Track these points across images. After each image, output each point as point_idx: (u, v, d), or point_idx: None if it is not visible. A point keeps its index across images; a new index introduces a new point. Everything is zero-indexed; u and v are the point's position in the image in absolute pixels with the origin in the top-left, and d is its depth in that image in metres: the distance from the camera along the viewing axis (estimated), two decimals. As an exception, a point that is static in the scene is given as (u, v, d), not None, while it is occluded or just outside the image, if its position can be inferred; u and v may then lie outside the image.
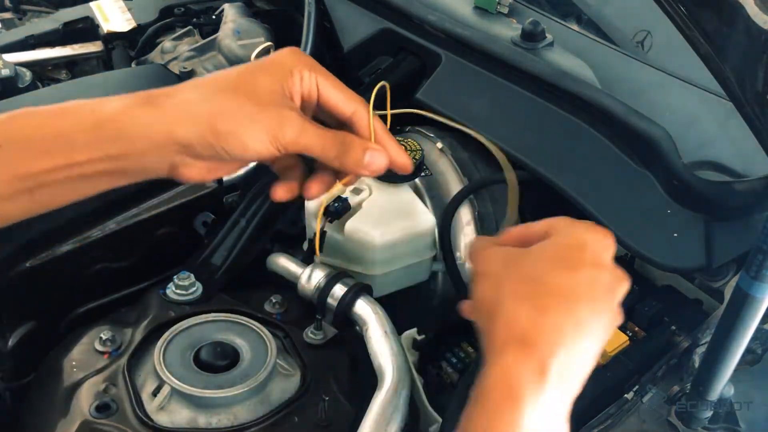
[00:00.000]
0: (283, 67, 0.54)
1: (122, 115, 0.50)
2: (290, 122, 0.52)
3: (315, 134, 0.53)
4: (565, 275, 0.49)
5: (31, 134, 0.50)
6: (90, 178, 0.51)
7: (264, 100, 0.52)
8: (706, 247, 0.75)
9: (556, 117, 0.88)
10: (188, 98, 0.51)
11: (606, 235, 0.52)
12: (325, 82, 0.56)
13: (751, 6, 0.55)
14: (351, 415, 0.72)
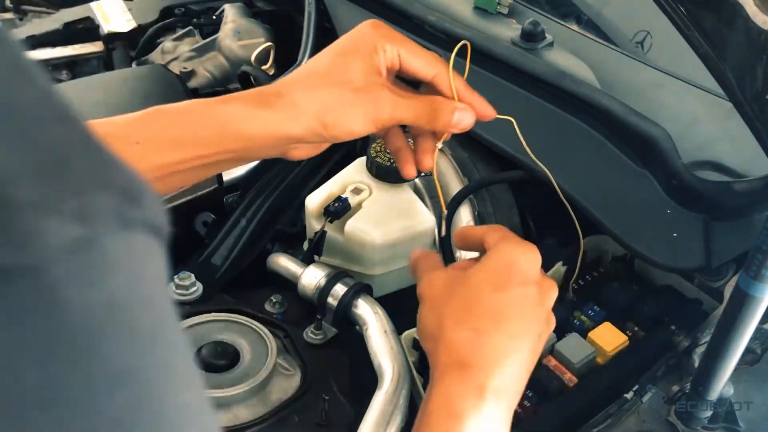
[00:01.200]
0: (367, 44, 0.59)
1: (241, 117, 0.57)
2: (384, 101, 0.58)
3: (406, 106, 0.59)
4: (496, 297, 0.54)
5: (161, 132, 0.55)
6: (214, 166, 0.58)
7: (359, 85, 0.58)
8: (705, 247, 0.75)
9: (555, 117, 0.88)
10: (295, 98, 0.58)
11: (531, 249, 0.57)
12: (405, 51, 0.61)
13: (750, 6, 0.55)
14: (351, 415, 0.72)
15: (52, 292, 0.21)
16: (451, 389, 0.52)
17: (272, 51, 1.25)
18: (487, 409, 0.51)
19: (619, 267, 0.88)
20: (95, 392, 0.23)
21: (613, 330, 0.78)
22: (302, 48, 1.09)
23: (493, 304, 0.54)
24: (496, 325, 0.54)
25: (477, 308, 0.54)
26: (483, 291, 0.55)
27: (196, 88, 1.27)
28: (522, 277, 0.56)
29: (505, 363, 0.53)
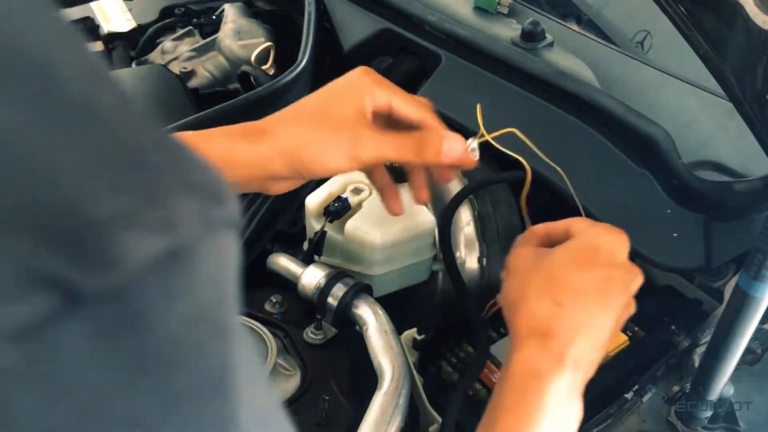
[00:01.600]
0: (357, 89, 0.62)
1: (224, 150, 0.59)
2: (365, 140, 0.59)
3: (389, 143, 0.60)
4: (579, 274, 0.56)
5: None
6: None
7: (340, 125, 0.60)
8: (705, 247, 0.75)
9: (555, 117, 0.88)
10: (277, 133, 0.60)
11: (620, 235, 0.59)
12: (394, 97, 0.62)
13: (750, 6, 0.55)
14: (351, 415, 0.72)
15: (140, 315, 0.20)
16: (532, 355, 0.54)
17: (272, 51, 1.26)
18: (566, 377, 0.53)
19: (619, 267, 0.88)
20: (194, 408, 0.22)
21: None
22: (302, 48, 1.09)
23: (575, 281, 0.56)
24: (577, 300, 0.55)
25: (560, 282, 0.56)
26: (568, 267, 0.57)
27: (196, 87, 1.27)
28: (608, 259, 0.57)
29: (582, 337, 0.54)
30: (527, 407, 0.52)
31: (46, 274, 0.18)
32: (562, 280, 0.56)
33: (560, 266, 0.57)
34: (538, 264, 0.59)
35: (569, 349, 0.54)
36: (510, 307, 0.59)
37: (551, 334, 0.54)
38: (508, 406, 0.53)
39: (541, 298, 0.56)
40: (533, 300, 0.56)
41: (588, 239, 0.59)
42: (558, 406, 0.53)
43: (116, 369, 0.20)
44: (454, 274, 0.85)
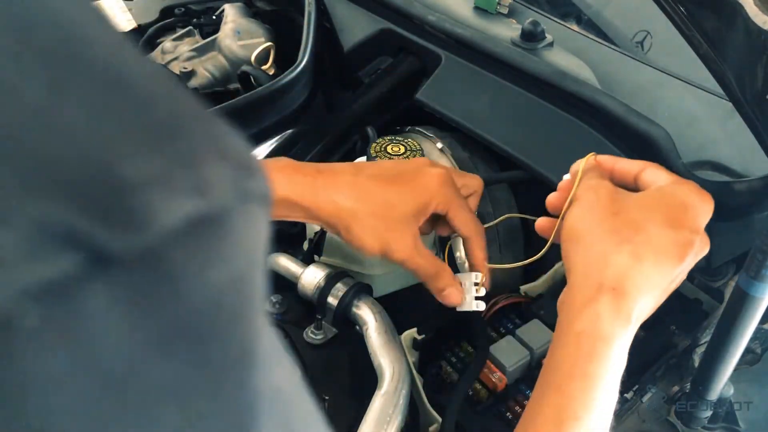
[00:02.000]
0: (426, 195, 0.65)
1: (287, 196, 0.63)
2: (402, 247, 0.63)
3: (416, 262, 0.65)
4: (665, 231, 0.53)
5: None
6: None
7: (396, 223, 0.63)
8: (705, 247, 0.75)
9: (556, 117, 0.88)
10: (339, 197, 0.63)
11: (709, 200, 0.56)
12: (454, 213, 0.66)
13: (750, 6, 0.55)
14: (351, 415, 0.72)
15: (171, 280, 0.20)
16: (604, 316, 0.52)
17: (272, 51, 1.25)
18: (627, 336, 0.53)
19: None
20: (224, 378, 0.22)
21: None
22: (302, 48, 1.09)
23: (660, 238, 0.53)
24: (658, 258, 0.53)
25: (644, 235, 0.53)
26: (655, 220, 0.53)
27: (196, 87, 1.27)
28: (694, 224, 0.54)
29: (649, 296, 0.53)
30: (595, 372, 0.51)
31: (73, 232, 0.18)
32: (646, 233, 0.53)
33: (646, 217, 0.53)
34: (618, 205, 0.55)
35: (636, 309, 0.52)
36: (577, 244, 0.55)
37: (624, 292, 0.52)
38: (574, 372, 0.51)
39: (621, 247, 0.52)
40: (612, 247, 0.52)
41: (678, 195, 0.55)
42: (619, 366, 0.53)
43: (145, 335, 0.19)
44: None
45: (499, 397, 0.74)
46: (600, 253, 0.53)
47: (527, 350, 0.76)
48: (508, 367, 0.74)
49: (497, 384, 0.74)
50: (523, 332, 0.78)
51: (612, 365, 0.52)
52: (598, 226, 0.54)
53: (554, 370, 0.53)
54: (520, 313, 0.83)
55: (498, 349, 0.75)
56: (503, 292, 0.86)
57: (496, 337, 0.81)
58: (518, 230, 0.91)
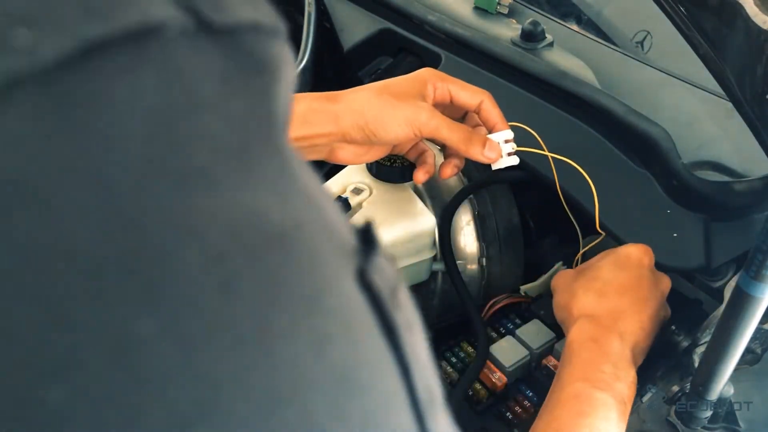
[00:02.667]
0: (421, 79, 0.71)
1: (311, 108, 0.68)
2: (423, 111, 0.68)
3: (444, 121, 0.69)
4: (617, 273, 0.68)
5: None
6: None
7: (404, 97, 0.68)
8: (705, 247, 0.75)
9: (556, 117, 0.88)
10: (350, 99, 0.68)
11: (645, 246, 0.71)
12: (454, 87, 0.72)
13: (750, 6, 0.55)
14: (351, 415, 0.72)
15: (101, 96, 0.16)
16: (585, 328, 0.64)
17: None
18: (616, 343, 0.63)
19: (619, 267, 0.88)
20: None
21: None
22: (302, 48, 1.09)
23: (614, 278, 0.68)
24: (617, 291, 0.67)
25: (601, 280, 0.68)
26: (606, 269, 0.69)
27: (196, 88, 1.27)
28: (639, 263, 0.69)
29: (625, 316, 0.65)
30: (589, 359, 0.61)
31: None
32: (603, 278, 0.68)
33: (600, 269, 0.69)
34: (581, 274, 0.71)
35: (616, 323, 0.64)
36: (562, 310, 0.70)
37: (598, 317, 0.65)
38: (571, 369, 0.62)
39: (587, 293, 0.67)
40: (581, 295, 0.68)
41: (619, 251, 0.71)
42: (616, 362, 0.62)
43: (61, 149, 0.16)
44: (454, 274, 0.85)
45: (499, 397, 0.74)
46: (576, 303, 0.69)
47: (527, 350, 0.76)
48: (508, 367, 0.74)
49: (497, 384, 0.74)
50: (523, 332, 0.78)
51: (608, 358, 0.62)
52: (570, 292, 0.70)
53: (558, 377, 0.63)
54: (520, 313, 0.83)
55: (498, 349, 0.75)
56: (503, 292, 0.86)
57: (496, 337, 0.81)
58: (518, 230, 0.91)
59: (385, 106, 0.68)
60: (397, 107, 0.68)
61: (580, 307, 0.67)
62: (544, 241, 0.99)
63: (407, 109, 0.68)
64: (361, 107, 0.68)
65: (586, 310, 0.67)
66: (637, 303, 0.67)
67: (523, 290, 0.86)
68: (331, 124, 0.68)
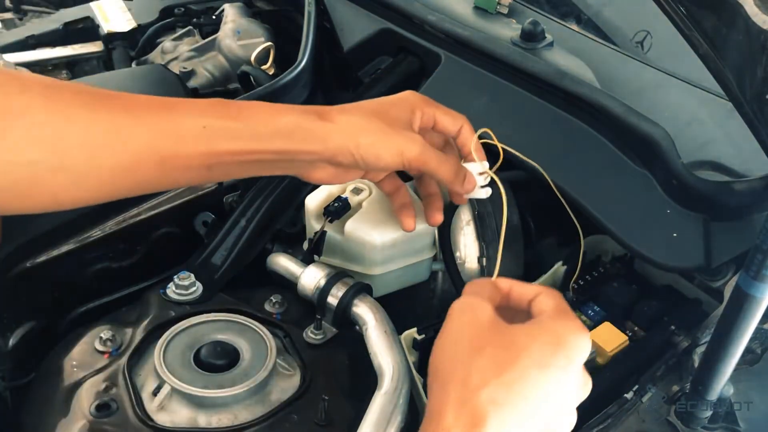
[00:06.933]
0: (409, 104, 0.70)
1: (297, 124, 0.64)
2: (415, 143, 0.67)
3: (434, 154, 0.68)
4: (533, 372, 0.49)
5: (226, 122, 0.62)
6: (251, 165, 0.64)
7: (396, 124, 0.67)
8: (705, 246, 0.75)
9: (555, 117, 0.88)
10: (343, 119, 0.66)
11: (585, 334, 0.52)
12: (438, 112, 0.71)
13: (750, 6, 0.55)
14: (351, 415, 0.72)
15: None
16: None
17: (272, 51, 1.25)
18: None
19: (619, 267, 0.88)
20: None
21: (613, 330, 0.78)
22: (302, 48, 1.09)
23: (528, 379, 0.49)
24: (522, 404, 0.49)
25: (509, 376, 0.49)
26: (522, 359, 0.49)
27: (195, 87, 1.27)
28: (567, 362, 0.50)
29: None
30: None
31: None
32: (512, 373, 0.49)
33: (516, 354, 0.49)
34: (492, 340, 0.51)
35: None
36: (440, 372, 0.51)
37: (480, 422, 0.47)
38: None
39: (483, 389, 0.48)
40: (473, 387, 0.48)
41: (553, 331, 0.51)
42: None
43: None
44: (454, 274, 0.85)
45: (499, 397, 0.74)
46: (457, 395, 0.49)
47: (527, 350, 0.76)
48: (508, 367, 0.74)
49: (497, 384, 0.74)
50: (523, 332, 0.77)
51: None
52: (461, 361, 0.50)
53: None
54: (520, 313, 0.83)
55: (498, 349, 0.75)
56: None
57: (496, 337, 0.81)
58: (518, 230, 0.91)
59: (378, 134, 0.66)
60: (390, 136, 0.66)
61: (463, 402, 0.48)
62: (544, 241, 0.99)
63: (399, 140, 0.66)
64: (354, 132, 0.65)
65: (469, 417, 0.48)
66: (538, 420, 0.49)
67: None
68: (319, 143, 0.65)
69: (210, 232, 0.93)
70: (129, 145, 0.58)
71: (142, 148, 0.59)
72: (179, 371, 0.72)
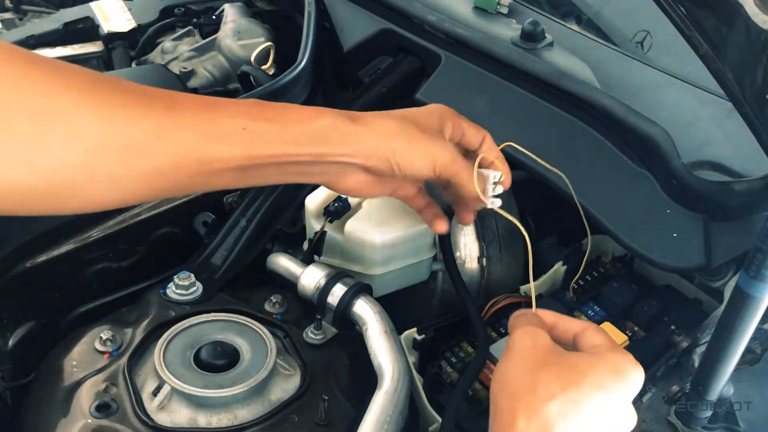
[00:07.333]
0: (439, 114, 0.69)
1: (334, 125, 0.62)
2: (447, 151, 0.66)
3: (465, 164, 0.67)
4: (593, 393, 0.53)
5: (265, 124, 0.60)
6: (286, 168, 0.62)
7: (429, 131, 0.66)
8: (705, 247, 0.75)
9: (556, 117, 0.88)
10: (377, 122, 0.64)
11: (640, 369, 0.56)
12: (465, 124, 0.71)
13: (750, 6, 0.55)
14: (351, 415, 0.72)
15: None
16: None
17: (272, 51, 1.26)
18: None
19: (619, 267, 0.88)
20: None
21: (613, 330, 0.78)
22: (302, 48, 1.09)
23: (591, 399, 0.53)
24: (585, 421, 0.52)
25: (574, 393, 0.53)
26: (586, 380, 0.53)
27: (195, 87, 1.27)
28: (625, 390, 0.54)
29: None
30: None
31: None
32: (577, 392, 0.53)
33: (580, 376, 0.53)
34: (553, 359, 0.55)
35: None
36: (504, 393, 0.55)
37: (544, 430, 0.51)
38: None
39: (548, 401, 0.52)
40: (539, 399, 0.52)
41: (614, 360, 0.55)
42: None
43: None
44: (454, 274, 0.85)
45: (499, 397, 0.74)
46: (527, 404, 0.53)
47: (527, 350, 0.76)
48: (508, 367, 0.74)
49: (497, 384, 0.74)
50: (523, 332, 0.77)
51: None
52: (529, 375, 0.54)
53: None
54: (520, 313, 0.83)
55: (498, 349, 0.75)
56: (503, 292, 0.86)
57: (496, 337, 0.81)
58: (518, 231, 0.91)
59: (412, 140, 0.64)
60: (423, 143, 0.65)
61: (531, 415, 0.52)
62: (544, 241, 0.99)
63: (433, 147, 0.65)
64: (388, 135, 0.64)
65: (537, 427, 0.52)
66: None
67: (523, 290, 0.86)
68: (355, 145, 0.63)
69: (210, 232, 0.93)
70: (169, 148, 0.56)
71: (182, 150, 0.56)
72: (179, 371, 0.72)
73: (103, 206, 0.57)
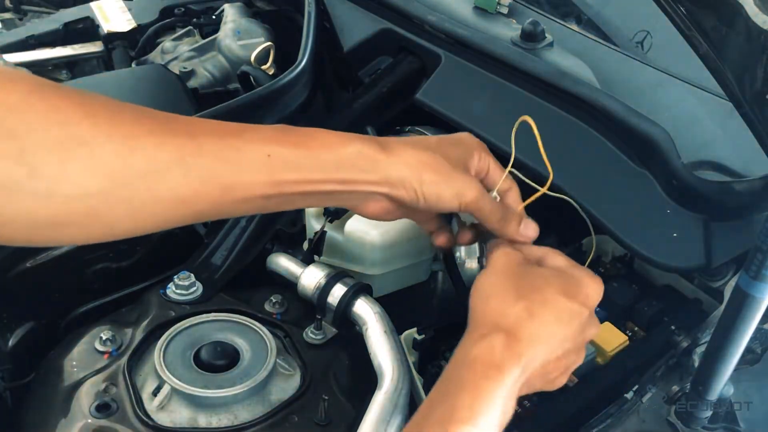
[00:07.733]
0: (468, 146, 0.67)
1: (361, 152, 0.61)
2: (473, 186, 0.64)
3: (488, 201, 0.66)
4: (559, 299, 0.59)
5: (290, 150, 0.59)
6: (310, 195, 0.61)
7: (457, 164, 0.65)
8: (705, 247, 0.75)
9: (556, 117, 0.88)
10: (407, 152, 0.63)
11: (599, 280, 0.62)
12: (493, 164, 0.69)
13: (750, 6, 0.55)
14: (351, 415, 0.72)
15: None
16: (497, 349, 0.57)
17: (272, 51, 1.25)
18: (516, 374, 0.56)
19: (619, 267, 0.88)
20: None
21: (613, 330, 0.78)
22: (302, 48, 1.09)
23: (554, 302, 0.59)
24: (548, 318, 0.59)
25: (540, 296, 0.59)
26: (552, 287, 0.60)
27: (195, 87, 1.27)
28: (585, 299, 0.60)
29: (538, 348, 0.58)
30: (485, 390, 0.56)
31: None
32: (542, 295, 0.59)
33: (545, 283, 0.60)
34: (523, 271, 0.62)
35: (527, 351, 0.57)
36: (481, 298, 0.62)
37: (516, 337, 0.57)
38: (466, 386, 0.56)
39: (518, 301, 0.59)
40: (510, 300, 0.59)
41: (577, 274, 0.62)
42: (507, 400, 0.56)
43: None
44: (454, 274, 0.85)
45: (499, 397, 0.74)
46: (500, 306, 0.60)
47: (527, 350, 0.76)
48: (508, 367, 0.74)
49: (497, 384, 0.74)
50: (523, 332, 0.77)
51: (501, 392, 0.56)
52: (502, 285, 0.61)
53: (447, 381, 0.58)
54: (520, 313, 0.83)
55: (498, 349, 0.75)
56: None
57: (496, 337, 0.80)
58: (518, 230, 0.91)
59: (441, 173, 0.63)
60: (451, 177, 0.64)
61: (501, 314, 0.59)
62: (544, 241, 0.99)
63: (460, 182, 0.64)
64: (419, 167, 0.63)
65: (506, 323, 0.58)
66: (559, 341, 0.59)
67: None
68: (381, 173, 0.62)
69: (210, 232, 0.93)
70: (192, 176, 0.55)
71: (205, 178, 0.55)
72: (179, 371, 0.72)
73: (125, 234, 0.56)
